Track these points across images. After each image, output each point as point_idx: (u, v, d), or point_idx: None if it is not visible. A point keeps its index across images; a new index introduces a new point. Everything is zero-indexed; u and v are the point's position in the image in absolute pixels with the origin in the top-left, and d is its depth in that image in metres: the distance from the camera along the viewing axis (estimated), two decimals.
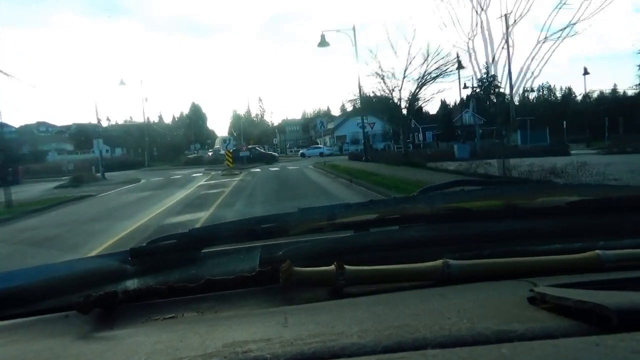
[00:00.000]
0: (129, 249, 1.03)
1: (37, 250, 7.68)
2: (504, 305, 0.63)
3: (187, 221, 9.22)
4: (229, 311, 0.82)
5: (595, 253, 0.85)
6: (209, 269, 0.99)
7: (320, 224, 1.13)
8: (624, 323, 0.50)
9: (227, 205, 11.72)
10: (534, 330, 0.53)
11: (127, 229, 9.01)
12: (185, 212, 11.05)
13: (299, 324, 0.64)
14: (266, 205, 11.11)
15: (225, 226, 1.13)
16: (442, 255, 0.88)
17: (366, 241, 1.10)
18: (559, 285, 0.67)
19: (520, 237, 1.07)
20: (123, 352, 0.61)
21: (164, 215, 10.71)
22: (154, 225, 9.14)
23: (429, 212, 1.16)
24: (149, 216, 10.69)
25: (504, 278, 0.81)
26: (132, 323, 0.79)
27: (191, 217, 9.97)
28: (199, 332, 0.65)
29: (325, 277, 0.84)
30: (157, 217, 10.42)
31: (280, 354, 0.52)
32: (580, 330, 0.52)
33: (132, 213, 11.47)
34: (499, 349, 0.48)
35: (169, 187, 19.41)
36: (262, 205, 11.27)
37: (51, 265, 1.09)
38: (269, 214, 1.19)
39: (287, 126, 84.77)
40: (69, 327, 0.79)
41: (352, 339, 0.54)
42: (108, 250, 6.58)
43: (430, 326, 0.56)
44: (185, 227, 2.68)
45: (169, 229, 6.75)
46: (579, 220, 1.12)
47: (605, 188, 1.23)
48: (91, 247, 7.37)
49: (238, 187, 17.05)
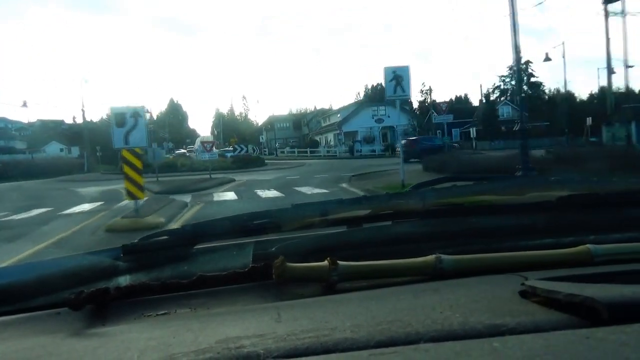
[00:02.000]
0: (122, 245, 1.03)
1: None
2: (496, 299, 0.63)
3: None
4: (222, 307, 0.82)
5: (586, 247, 0.86)
6: (201, 265, 0.98)
7: (313, 219, 1.13)
8: (613, 316, 0.51)
9: None
10: (525, 324, 0.53)
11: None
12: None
13: (292, 319, 0.65)
14: None
15: (218, 222, 1.13)
16: (434, 250, 0.89)
17: (359, 237, 1.11)
18: (550, 279, 0.68)
19: (511, 232, 1.08)
20: (115, 349, 0.60)
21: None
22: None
23: (421, 207, 1.17)
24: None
25: (495, 272, 0.81)
26: (125, 320, 0.78)
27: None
28: (192, 329, 0.65)
29: (319, 273, 0.84)
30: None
31: (274, 350, 0.52)
32: (570, 324, 0.53)
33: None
34: (491, 342, 0.49)
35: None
36: None
37: (42, 262, 1.08)
38: (262, 209, 1.19)
39: (275, 122, 68.23)
40: (60, 324, 0.79)
41: (345, 334, 0.54)
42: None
43: (423, 321, 0.56)
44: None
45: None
46: (570, 215, 1.13)
47: (595, 183, 1.24)
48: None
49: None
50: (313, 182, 16.43)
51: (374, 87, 69.28)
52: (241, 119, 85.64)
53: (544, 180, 1.24)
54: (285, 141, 64.07)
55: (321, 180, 17.26)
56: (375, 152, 42.68)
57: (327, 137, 54.70)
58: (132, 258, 1.01)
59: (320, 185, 15.35)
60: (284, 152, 55.41)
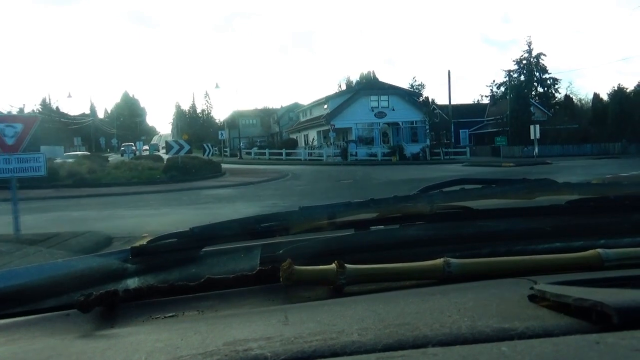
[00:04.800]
0: (130, 248, 1.03)
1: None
2: (505, 303, 0.63)
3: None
4: (230, 310, 0.82)
5: (596, 252, 0.85)
6: (209, 268, 0.99)
7: (321, 222, 1.13)
8: (624, 321, 0.50)
9: None
10: (534, 328, 0.53)
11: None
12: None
13: (300, 322, 0.65)
14: None
15: (226, 225, 1.13)
16: (442, 254, 0.88)
17: (367, 240, 1.10)
18: (560, 283, 0.67)
19: (520, 235, 1.07)
20: (124, 351, 0.61)
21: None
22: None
23: (429, 210, 1.16)
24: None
25: (504, 276, 0.81)
26: (133, 322, 0.79)
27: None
28: (200, 331, 0.65)
29: (326, 276, 0.84)
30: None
31: (281, 352, 0.52)
32: (580, 328, 0.52)
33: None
34: (499, 347, 0.48)
35: None
36: None
37: (52, 264, 1.09)
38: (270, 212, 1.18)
39: (240, 119, 54.56)
40: (69, 326, 0.79)
41: (353, 337, 0.54)
42: None
43: (431, 324, 0.56)
44: None
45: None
46: (579, 219, 1.12)
47: (604, 187, 1.23)
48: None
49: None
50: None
51: (364, 76, 59.17)
52: (203, 117, 79.36)
53: (553, 184, 1.23)
54: (251, 140, 53.22)
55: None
56: (376, 155, 32.18)
57: (308, 135, 41.10)
58: (141, 260, 1.02)
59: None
60: (251, 154, 43.87)
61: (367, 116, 34.35)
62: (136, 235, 6.74)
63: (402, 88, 36.01)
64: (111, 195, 14.94)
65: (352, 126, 34.43)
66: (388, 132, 34.39)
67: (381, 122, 33.51)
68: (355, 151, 33.05)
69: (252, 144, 50.38)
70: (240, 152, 44.40)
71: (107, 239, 7.52)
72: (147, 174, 19.42)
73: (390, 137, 35.07)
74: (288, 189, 15.41)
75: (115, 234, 7.80)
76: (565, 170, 20.30)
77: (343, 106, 34.71)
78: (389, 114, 32.55)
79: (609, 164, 24.70)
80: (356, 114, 34.19)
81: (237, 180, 18.56)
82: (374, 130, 34.73)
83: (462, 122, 40.99)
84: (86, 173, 18.79)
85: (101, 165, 22.46)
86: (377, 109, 33.46)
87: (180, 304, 0.85)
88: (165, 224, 8.84)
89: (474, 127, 44.21)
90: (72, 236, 7.42)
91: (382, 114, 34.26)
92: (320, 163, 31.46)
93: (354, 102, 34.87)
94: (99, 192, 15.44)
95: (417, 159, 31.60)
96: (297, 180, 18.04)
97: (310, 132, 40.24)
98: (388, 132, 34.39)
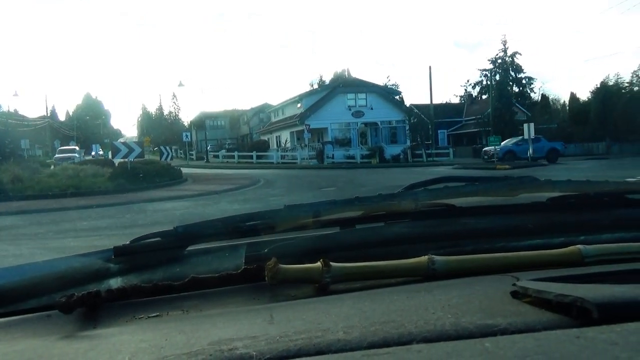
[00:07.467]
0: (113, 247, 1.02)
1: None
2: (488, 299, 0.64)
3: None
4: (214, 309, 0.82)
5: (576, 248, 0.87)
6: (193, 267, 0.98)
7: (306, 221, 1.13)
8: (603, 316, 0.51)
9: None
10: (517, 324, 0.53)
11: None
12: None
13: (285, 321, 0.65)
14: None
15: (211, 224, 1.12)
16: (427, 251, 0.89)
17: (352, 238, 1.11)
18: (541, 279, 0.68)
19: (503, 232, 1.08)
20: (107, 351, 0.60)
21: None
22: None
23: (413, 208, 1.17)
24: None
25: (487, 273, 0.82)
26: (116, 322, 0.78)
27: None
28: (184, 331, 0.64)
29: (311, 274, 0.84)
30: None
31: (266, 351, 0.52)
32: (561, 323, 0.53)
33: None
34: (483, 342, 0.49)
35: None
36: None
37: (33, 264, 1.07)
38: (255, 211, 1.19)
39: (207, 120, 52.22)
40: (51, 327, 0.78)
41: (338, 335, 0.54)
42: None
43: (416, 321, 0.57)
44: None
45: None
46: (560, 216, 1.14)
47: (585, 184, 1.25)
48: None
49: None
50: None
51: (338, 74, 56.23)
52: (170, 119, 76.20)
53: (535, 181, 1.25)
54: (220, 142, 49.43)
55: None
56: (354, 158, 29.72)
57: (281, 136, 38.15)
58: (124, 260, 1.01)
59: None
60: (219, 157, 40.96)
61: (344, 115, 32.20)
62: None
63: (380, 86, 34.30)
64: (20, 213, 10.75)
65: (327, 126, 32.20)
66: (366, 132, 32.25)
67: (359, 121, 31.30)
68: (332, 153, 30.59)
69: (220, 146, 46.59)
70: (207, 155, 41.15)
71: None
72: (88, 183, 15.90)
73: (369, 138, 32.87)
74: (260, 200, 12.25)
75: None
76: (575, 172, 18.19)
77: (318, 105, 32.34)
78: (367, 113, 30.40)
79: (609, 164, 23.48)
80: (332, 113, 31.79)
81: (198, 189, 15.55)
82: (351, 131, 32.56)
83: (439, 122, 38.91)
84: (9, 182, 14.78)
85: (34, 172, 17.95)
86: (354, 107, 31.31)
87: (164, 303, 0.85)
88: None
89: (452, 128, 42.82)
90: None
91: (359, 113, 32.24)
92: (295, 166, 28.72)
93: (330, 100, 32.51)
94: (8, 209, 11.12)
95: (397, 160, 29.81)
96: (270, 189, 15.27)
97: (283, 133, 37.52)
98: (366, 132, 32.25)
